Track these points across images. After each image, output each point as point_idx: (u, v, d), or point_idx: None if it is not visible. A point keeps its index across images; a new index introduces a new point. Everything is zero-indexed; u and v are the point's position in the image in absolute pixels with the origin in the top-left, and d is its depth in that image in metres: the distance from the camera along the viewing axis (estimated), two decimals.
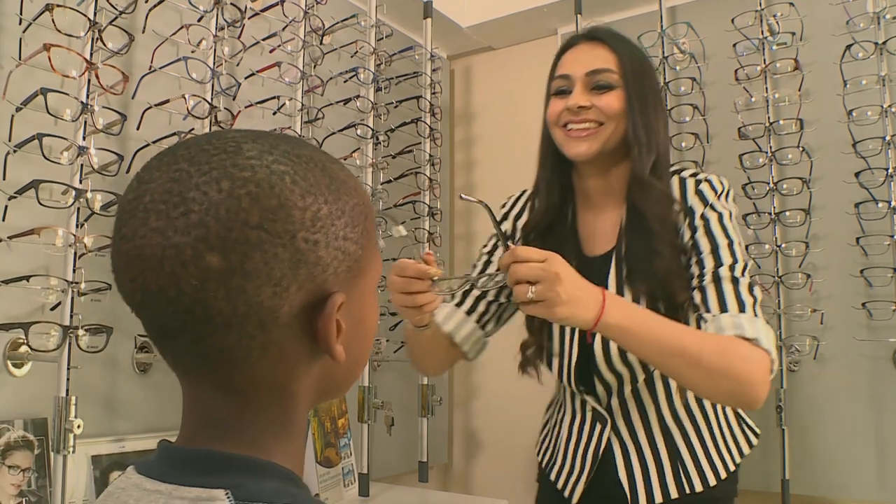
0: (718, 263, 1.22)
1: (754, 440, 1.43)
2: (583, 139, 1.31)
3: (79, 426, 1.25)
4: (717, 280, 1.21)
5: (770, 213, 1.91)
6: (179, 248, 0.51)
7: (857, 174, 1.80)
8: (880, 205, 1.78)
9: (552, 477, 1.45)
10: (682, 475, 1.32)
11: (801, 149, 1.90)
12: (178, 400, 0.58)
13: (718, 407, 1.38)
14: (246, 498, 0.52)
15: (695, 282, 1.24)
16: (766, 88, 1.95)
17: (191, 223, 0.51)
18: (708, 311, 1.20)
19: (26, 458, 1.32)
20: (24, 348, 1.33)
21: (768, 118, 1.94)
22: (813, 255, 1.87)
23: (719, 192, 1.30)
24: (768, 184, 1.92)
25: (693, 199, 1.29)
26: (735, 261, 1.23)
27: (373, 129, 1.98)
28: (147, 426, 1.51)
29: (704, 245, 1.25)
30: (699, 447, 1.35)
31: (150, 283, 0.52)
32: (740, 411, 1.43)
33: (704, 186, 1.30)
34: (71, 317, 1.28)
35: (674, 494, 1.31)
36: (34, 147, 1.27)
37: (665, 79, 2.08)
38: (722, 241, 1.24)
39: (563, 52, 1.40)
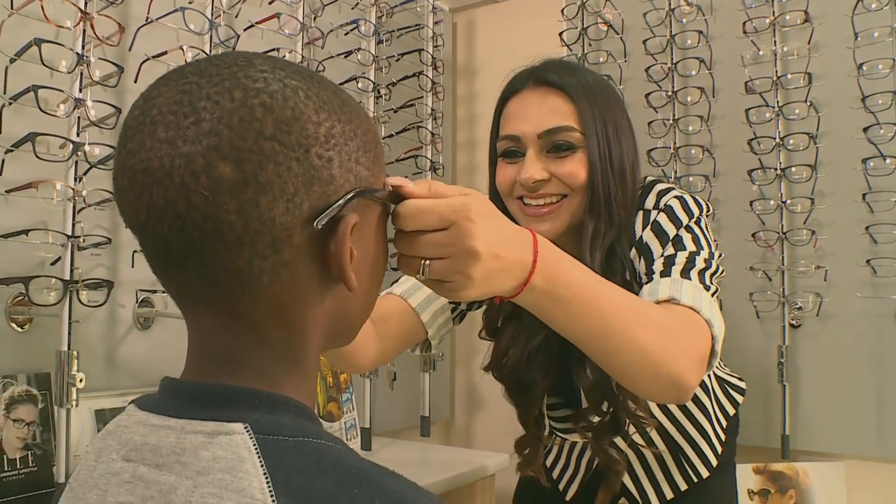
0: (679, 249, 1.03)
1: (740, 398, 1.35)
2: (543, 217, 1.08)
3: (81, 380, 1.25)
4: (668, 260, 1.02)
5: (776, 169, 1.88)
6: (190, 158, 0.49)
7: (865, 129, 1.77)
8: (888, 160, 1.76)
9: (547, 463, 1.39)
10: (686, 467, 1.26)
11: (808, 103, 1.87)
12: (181, 354, 0.57)
13: (705, 384, 1.26)
14: (266, 432, 0.50)
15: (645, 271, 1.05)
16: (775, 41, 1.91)
17: (202, 132, 0.49)
18: (649, 280, 1.01)
19: (30, 412, 1.33)
20: (25, 303, 1.32)
21: (776, 72, 1.90)
22: (818, 211, 1.85)
23: (683, 219, 1.06)
24: (774, 139, 1.89)
25: (648, 236, 1.07)
26: (699, 250, 1.03)
27: (374, 83, 1.96)
28: (149, 381, 1.52)
29: (668, 248, 1.05)
30: (695, 433, 1.26)
31: (158, 198, 0.50)
32: (722, 374, 1.34)
33: (662, 218, 1.07)
34: (71, 271, 1.28)
35: (683, 487, 1.26)
36: (30, 99, 1.26)
37: (671, 32, 2.04)
38: (687, 241, 1.04)
39: (507, 100, 1.14)
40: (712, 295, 0.98)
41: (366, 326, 1.08)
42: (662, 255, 1.03)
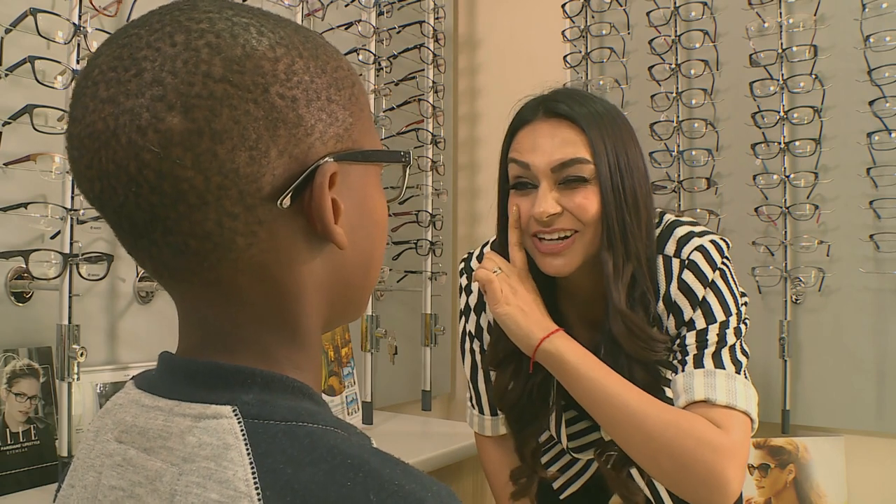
0: (710, 321, 1.08)
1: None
2: (558, 254, 1.09)
3: (82, 354, 1.25)
4: (700, 340, 1.07)
5: (779, 143, 1.87)
6: (134, 113, 0.44)
7: (870, 103, 1.76)
8: (893, 135, 1.74)
9: (543, 461, 1.35)
10: None
11: (813, 76, 1.85)
12: None
13: None
14: (255, 415, 0.47)
15: (678, 343, 1.10)
16: (780, 13, 1.88)
17: (144, 83, 0.44)
18: (683, 370, 1.06)
19: (32, 386, 1.33)
20: (25, 277, 1.32)
21: (781, 44, 1.88)
22: (821, 185, 1.84)
23: (708, 275, 1.09)
24: (779, 112, 1.87)
25: (677, 295, 1.10)
26: (727, 318, 1.08)
27: (374, 55, 1.93)
28: (150, 355, 1.51)
29: (697, 314, 1.10)
30: None
31: (107, 163, 0.45)
32: None
33: (688, 276, 1.09)
34: (71, 244, 1.27)
35: None
36: (26, 71, 1.24)
37: (675, 3, 2.02)
38: (715, 306, 1.09)
39: (517, 131, 1.13)
40: (742, 351, 1.07)
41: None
42: (695, 330, 1.08)
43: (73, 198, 1.27)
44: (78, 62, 1.27)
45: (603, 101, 1.14)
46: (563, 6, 2.19)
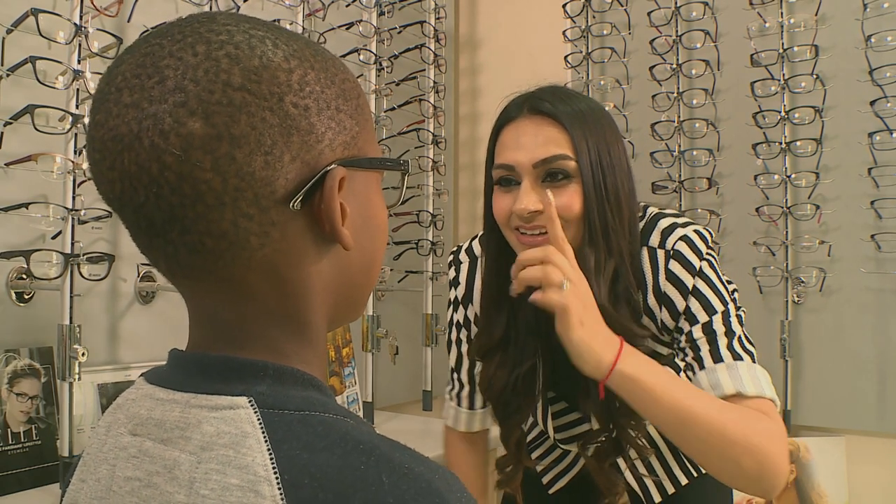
0: (711, 312, 1.08)
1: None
2: (539, 246, 1.07)
3: (83, 353, 1.25)
4: (708, 333, 1.07)
5: (780, 143, 1.87)
6: (157, 118, 0.47)
7: (871, 103, 1.76)
8: (895, 135, 1.74)
9: (532, 456, 1.37)
10: (685, 462, 1.27)
11: (814, 76, 1.85)
12: (183, 328, 0.56)
13: None
14: (271, 405, 0.49)
15: (684, 338, 1.10)
16: (781, 13, 1.89)
17: (167, 89, 0.47)
18: (702, 366, 1.07)
19: (33, 386, 1.33)
20: (26, 277, 1.32)
21: (782, 44, 1.88)
22: (823, 185, 1.84)
23: (695, 263, 1.10)
24: (780, 112, 1.87)
25: (666, 286, 1.10)
26: (726, 307, 1.09)
27: (376, 55, 1.93)
28: (151, 355, 1.52)
29: (693, 304, 1.09)
30: None
31: (130, 165, 0.48)
32: None
33: (675, 266, 1.09)
34: (72, 245, 1.27)
35: (683, 481, 1.27)
36: (28, 71, 1.24)
37: (676, 3, 2.02)
38: (710, 296, 1.09)
39: (501, 128, 1.13)
40: (748, 339, 1.08)
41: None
42: (699, 324, 1.08)
43: (74, 198, 1.27)
44: (79, 62, 1.27)
45: (587, 100, 1.15)
46: (564, 6, 2.19)
